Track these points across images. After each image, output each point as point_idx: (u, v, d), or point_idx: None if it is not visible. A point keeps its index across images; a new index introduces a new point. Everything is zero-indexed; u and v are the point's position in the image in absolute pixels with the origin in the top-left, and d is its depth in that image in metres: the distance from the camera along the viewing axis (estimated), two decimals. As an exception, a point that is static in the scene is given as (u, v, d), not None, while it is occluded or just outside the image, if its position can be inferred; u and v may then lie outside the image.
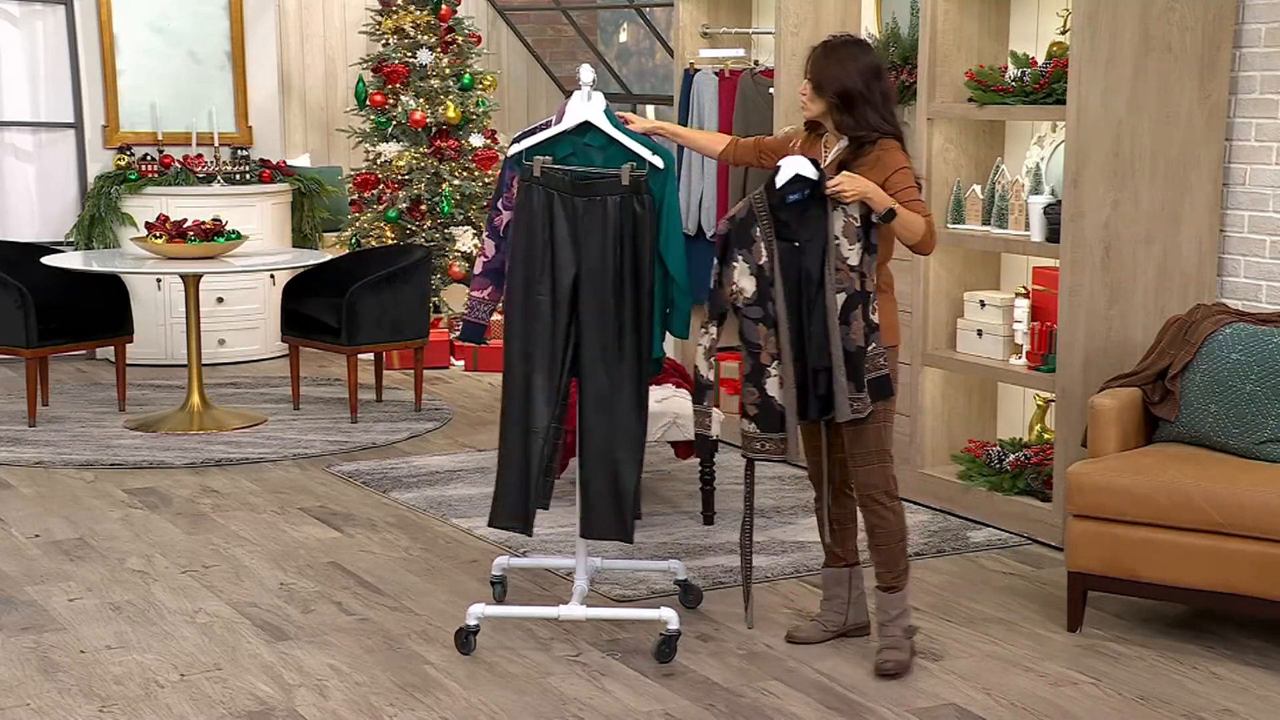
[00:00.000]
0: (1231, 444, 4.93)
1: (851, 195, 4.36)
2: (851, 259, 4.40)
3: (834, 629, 4.75)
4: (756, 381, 4.45)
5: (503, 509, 4.64)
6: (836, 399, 4.39)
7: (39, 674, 4.50)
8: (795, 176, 4.38)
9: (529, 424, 4.57)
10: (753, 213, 4.44)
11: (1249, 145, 5.74)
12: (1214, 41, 5.69)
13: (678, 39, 7.67)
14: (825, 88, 4.47)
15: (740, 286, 4.44)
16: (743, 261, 4.43)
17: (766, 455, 4.47)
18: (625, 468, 4.58)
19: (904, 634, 4.55)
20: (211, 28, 9.68)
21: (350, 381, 7.71)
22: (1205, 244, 5.81)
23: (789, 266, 4.40)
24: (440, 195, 9.57)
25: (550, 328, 4.55)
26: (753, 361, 4.46)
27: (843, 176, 4.36)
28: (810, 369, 4.41)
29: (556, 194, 4.53)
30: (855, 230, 4.40)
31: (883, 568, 4.55)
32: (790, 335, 4.40)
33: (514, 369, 4.59)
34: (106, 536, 5.86)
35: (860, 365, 4.42)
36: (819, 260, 4.39)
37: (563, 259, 4.53)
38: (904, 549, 4.56)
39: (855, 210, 4.39)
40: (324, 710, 4.25)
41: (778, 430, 4.44)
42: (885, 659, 4.50)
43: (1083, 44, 5.48)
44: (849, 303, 4.39)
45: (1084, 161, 5.54)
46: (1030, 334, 5.87)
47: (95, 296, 7.90)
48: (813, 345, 4.40)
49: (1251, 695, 4.38)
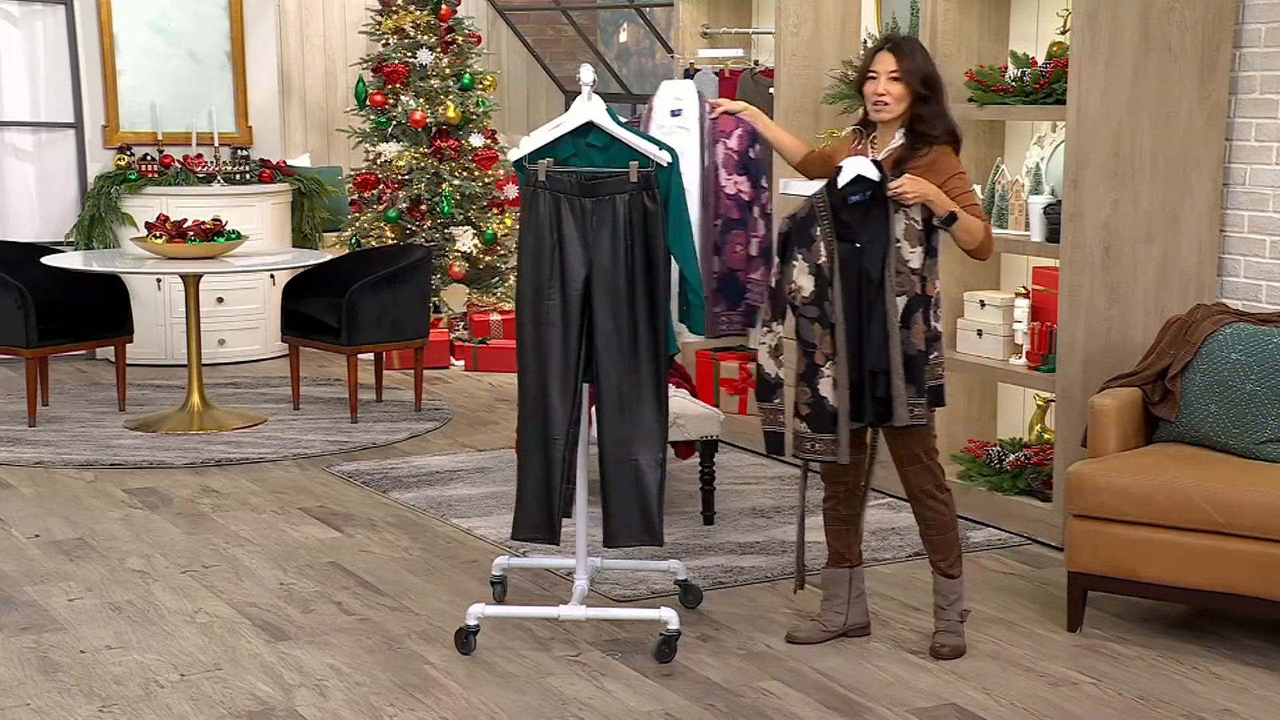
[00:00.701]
0: (1231, 444, 4.93)
1: (914, 197, 4.39)
2: (913, 262, 4.43)
3: (834, 629, 4.75)
4: (810, 381, 4.46)
5: (526, 519, 4.58)
6: (894, 403, 4.41)
7: (39, 674, 4.50)
8: (857, 177, 4.40)
9: (548, 431, 4.53)
10: (814, 212, 4.44)
11: (1249, 145, 5.74)
12: (1214, 41, 5.69)
13: (678, 39, 7.67)
14: (912, 77, 4.47)
15: (798, 285, 4.45)
16: (802, 260, 4.44)
17: (817, 455, 4.49)
18: (648, 469, 4.53)
19: (959, 618, 4.66)
20: (211, 28, 9.68)
21: (350, 381, 7.71)
22: (1205, 244, 5.81)
23: (849, 267, 4.41)
24: (440, 195, 9.57)
25: (563, 331, 4.52)
26: (807, 361, 4.47)
27: (905, 179, 4.38)
28: (868, 371, 4.42)
29: (563, 196, 4.51)
30: (917, 233, 4.43)
31: (939, 555, 4.64)
32: (848, 336, 4.41)
33: (529, 376, 4.54)
34: (106, 536, 5.86)
35: (921, 370, 4.45)
36: (880, 262, 4.40)
37: (572, 261, 4.51)
38: (957, 537, 4.65)
39: (917, 213, 4.42)
40: (324, 710, 4.25)
41: (829, 431, 4.45)
42: (941, 643, 4.63)
43: (1083, 44, 5.48)
44: (909, 306, 4.43)
45: (1084, 161, 5.54)
46: (1030, 334, 5.87)
47: (95, 296, 7.90)
48: (871, 347, 4.42)
49: (1251, 695, 4.38)
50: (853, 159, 4.44)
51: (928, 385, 4.48)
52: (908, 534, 5.81)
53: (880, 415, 4.47)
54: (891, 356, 4.40)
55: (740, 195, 4.87)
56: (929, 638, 4.72)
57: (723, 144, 4.88)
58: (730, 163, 4.87)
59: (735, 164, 4.88)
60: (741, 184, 4.87)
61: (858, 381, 4.44)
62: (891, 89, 4.50)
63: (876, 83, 4.53)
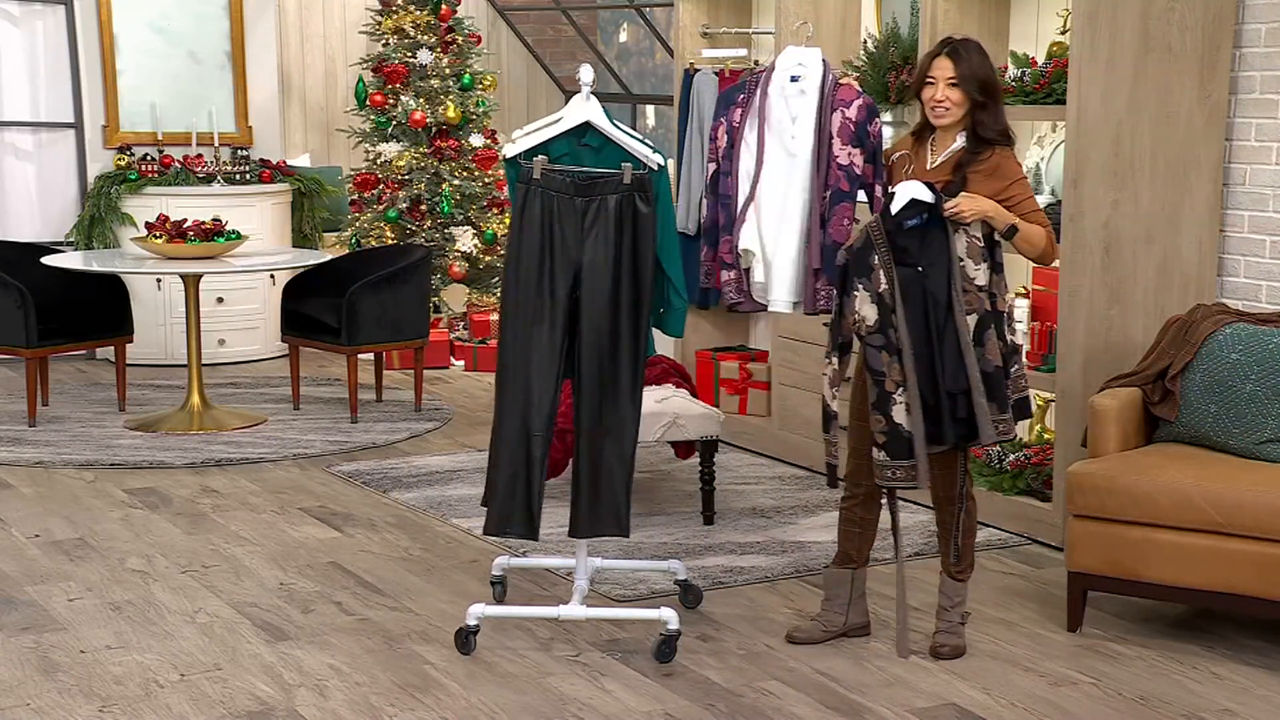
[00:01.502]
0: (1231, 444, 4.93)
1: (971, 215, 4.36)
2: (979, 279, 4.40)
3: (834, 629, 4.76)
4: (883, 409, 4.41)
5: (501, 514, 4.56)
6: (979, 422, 4.37)
7: (39, 674, 4.50)
8: (911, 201, 4.36)
9: (529, 426, 4.55)
10: (870, 240, 4.40)
11: (1249, 145, 5.74)
12: (1214, 41, 5.69)
13: (678, 39, 7.67)
14: (969, 82, 4.44)
15: (862, 315, 4.41)
16: (863, 290, 4.40)
17: (898, 483, 4.45)
18: (620, 464, 4.56)
19: (961, 620, 4.68)
20: (211, 28, 9.68)
21: (350, 381, 7.71)
22: (1205, 244, 5.81)
23: (913, 292, 4.37)
24: (440, 195, 9.57)
25: (549, 328, 4.53)
26: (878, 389, 4.41)
27: (961, 198, 4.36)
28: (945, 393, 4.38)
29: (557, 195, 4.52)
30: (980, 250, 4.40)
31: (957, 557, 4.66)
32: (919, 361, 4.37)
33: (512, 371, 4.56)
34: (106, 536, 5.86)
35: (1001, 385, 4.42)
36: (945, 284, 4.37)
37: (563, 259, 4.53)
38: (971, 543, 4.67)
39: (977, 230, 4.39)
40: (324, 710, 4.25)
41: (907, 457, 4.41)
42: (941, 643, 4.64)
43: (1083, 44, 5.48)
44: (980, 323, 4.40)
45: (1084, 161, 5.54)
46: (1030, 334, 5.87)
47: (95, 296, 7.90)
48: (946, 370, 4.37)
49: (1251, 695, 4.38)
50: (905, 183, 4.39)
51: (1011, 400, 4.46)
52: (908, 534, 5.81)
53: (965, 436, 4.43)
54: (970, 376, 4.35)
55: (853, 167, 4.71)
56: (929, 638, 4.72)
57: (840, 112, 4.71)
58: (846, 133, 4.71)
59: (851, 135, 4.71)
60: (855, 155, 4.71)
61: (934, 405, 4.40)
62: (950, 94, 4.47)
63: (935, 88, 4.49)
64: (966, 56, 4.47)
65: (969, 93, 4.45)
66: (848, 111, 4.71)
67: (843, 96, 4.74)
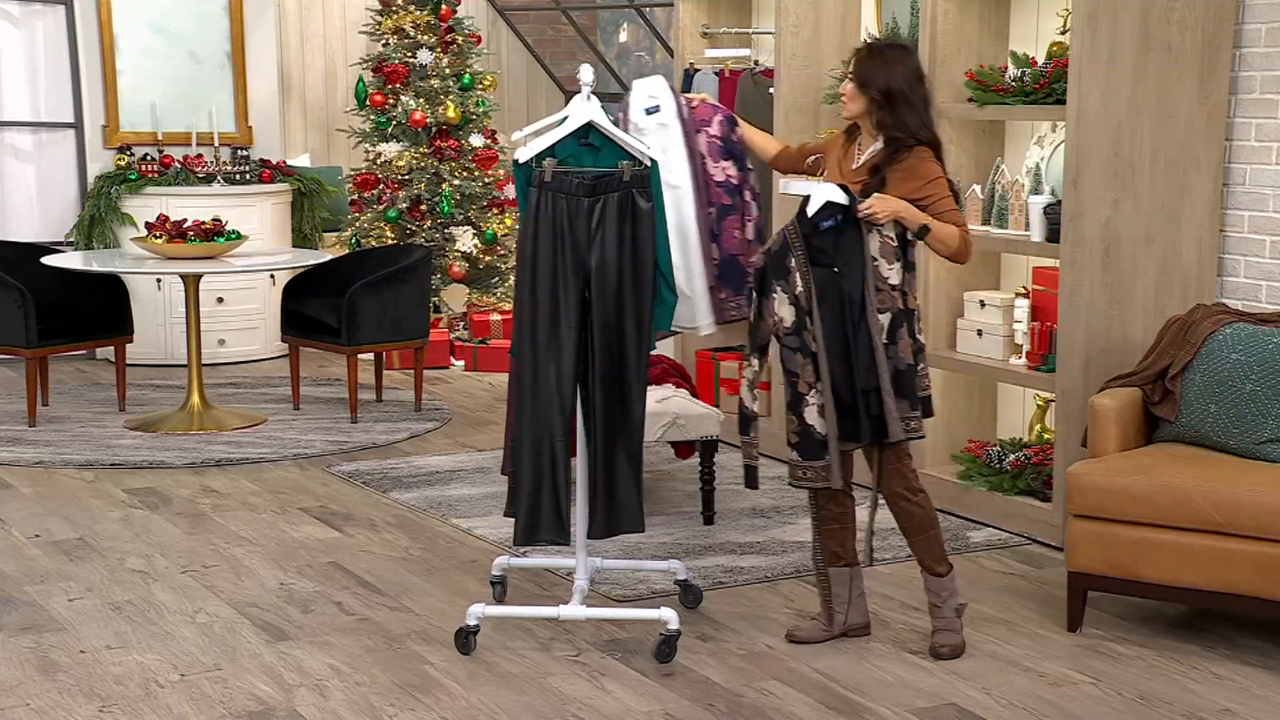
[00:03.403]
0: (1231, 444, 4.93)
1: (884, 216, 4.45)
2: (892, 278, 4.49)
3: (834, 629, 4.75)
4: (796, 410, 4.51)
5: (537, 523, 4.54)
6: (888, 419, 4.46)
7: (39, 674, 4.50)
8: (826, 203, 4.44)
9: (552, 432, 4.53)
10: (787, 243, 4.49)
11: (1249, 145, 5.74)
12: (1214, 41, 5.69)
13: (678, 39, 7.67)
14: (869, 86, 4.54)
15: (780, 316, 4.50)
16: (781, 292, 4.49)
17: (809, 484, 4.54)
18: (633, 462, 4.57)
19: (955, 614, 4.66)
20: (211, 28, 9.68)
21: (350, 381, 7.71)
22: (1205, 244, 5.81)
23: (830, 292, 4.47)
24: (440, 195, 9.57)
25: (567, 332, 4.52)
26: (792, 390, 4.52)
27: (873, 199, 4.45)
28: (860, 391, 4.46)
29: (567, 196, 4.51)
30: (893, 249, 4.49)
31: (923, 555, 4.64)
32: (836, 359, 4.45)
33: (536, 377, 4.51)
34: (106, 536, 5.86)
35: (912, 383, 4.51)
36: (859, 283, 4.46)
37: (573, 262, 4.51)
38: (938, 535, 4.65)
39: (891, 229, 4.48)
40: (324, 710, 4.25)
41: (818, 458, 4.50)
42: (940, 642, 4.63)
43: (1083, 44, 5.48)
44: (894, 322, 4.49)
45: (1084, 161, 5.54)
46: (1030, 334, 5.87)
47: (95, 296, 7.90)
48: (860, 368, 4.46)
49: (1251, 695, 4.38)
50: (820, 186, 4.49)
51: (920, 397, 4.55)
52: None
53: (877, 433, 4.52)
54: (880, 375, 4.46)
55: (729, 180, 4.90)
56: (929, 637, 4.72)
57: (704, 132, 4.89)
58: (714, 150, 4.90)
59: (719, 150, 4.90)
60: (728, 169, 4.90)
61: (850, 402, 4.48)
62: (846, 89, 4.61)
63: (846, 84, 4.63)
64: (873, 58, 4.56)
65: (866, 93, 4.54)
66: (710, 130, 4.90)
67: (701, 116, 4.92)
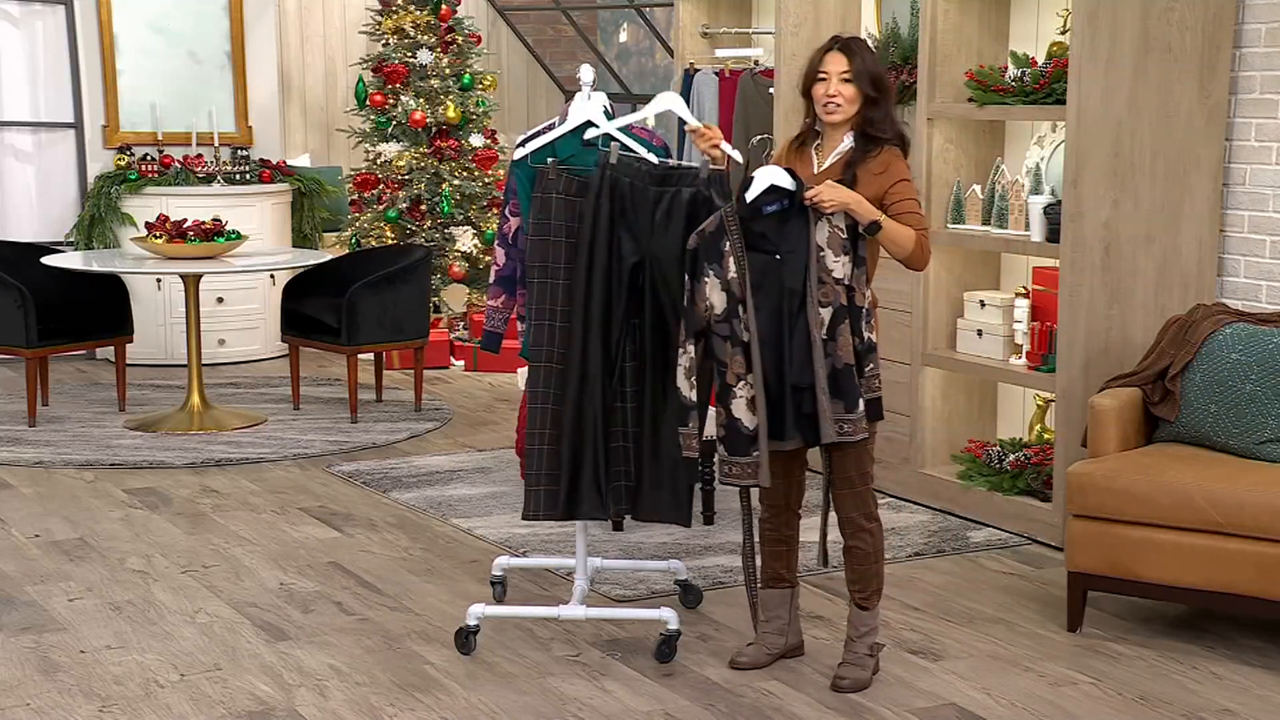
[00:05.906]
0: (1231, 444, 4.93)
1: (833, 206, 4.18)
2: (837, 271, 4.20)
3: (777, 650, 4.57)
4: (724, 401, 4.23)
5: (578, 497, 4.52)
6: (820, 420, 4.19)
7: (39, 674, 4.50)
8: (770, 187, 4.20)
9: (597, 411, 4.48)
10: (723, 225, 4.24)
11: (1249, 145, 5.74)
12: (1214, 41, 5.69)
13: (678, 39, 7.67)
14: (862, 76, 4.31)
15: (711, 302, 4.24)
16: (714, 276, 4.23)
17: (737, 480, 4.26)
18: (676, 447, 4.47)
19: (868, 651, 4.44)
20: (211, 28, 9.68)
21: (350, 381, 7.71)
22: (1205, 244, 5.81)
23: (768, 279, 4.21)
24: (440, 195, 9.58)
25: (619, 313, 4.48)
26: (720, 381, 4.24)
27: (823, 186, 4.20)
28: (791, 387, 4.20)
29: (631, 182, 4.45)
30: (841, 241, 4.20)
31: (857, 586, 4.40)
32: (769, 351, 4.20)
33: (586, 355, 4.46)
34: (106, 536, 5.86)
35: (851, 384, 4.20)
36: (801, 273, 4.19)
37: (628, 246, 4.46)
38: (880, 569, 4.41)
39: (841, 220, 4.21)
40: (324, 710, 4.25)
41: (744, 453, 4.22)
42: (843, 675, 4.40)
43: (1083, 44, 5.48)
44: (835, 317, 4.19)
45: (1084, 161, 5.54)
46: (1030, 334, 5.87)
47: (95, 296, 7.90)
48: (794, 363, 4.19)
49: (1251, 695, 4.38)
50: (764, 168, 4.23)
51: (863, 400, 4.24)
52: (907, 534, 5.82)
53: (808, 433, 4.23)
54: (816, 371, 4.16)
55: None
56: (929, 638, 4.72)
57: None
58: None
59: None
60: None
61: (778, 399, 4.22)
62: (843, 90, 4.33)
63: (828, 84, 4.35)
64: (859, 52, 4.34)
65: (862, 89, 4.33)
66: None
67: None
